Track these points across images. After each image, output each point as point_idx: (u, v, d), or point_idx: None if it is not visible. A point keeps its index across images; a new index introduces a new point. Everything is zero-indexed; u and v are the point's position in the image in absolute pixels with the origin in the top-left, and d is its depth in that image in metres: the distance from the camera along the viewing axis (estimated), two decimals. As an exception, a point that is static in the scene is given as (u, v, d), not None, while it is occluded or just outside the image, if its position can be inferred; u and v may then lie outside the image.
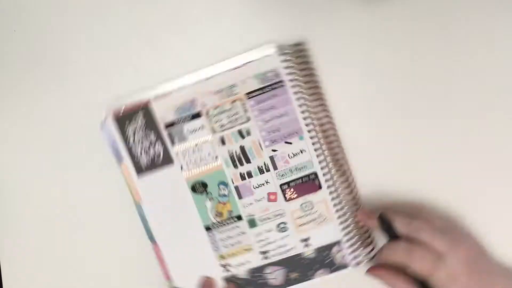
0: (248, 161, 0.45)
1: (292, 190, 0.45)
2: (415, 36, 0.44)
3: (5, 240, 0.48)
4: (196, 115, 0.44)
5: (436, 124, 0.45)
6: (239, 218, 0.46)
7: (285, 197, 0.45)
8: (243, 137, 0.45)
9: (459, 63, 0.44)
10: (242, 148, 0.45)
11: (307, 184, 0.45)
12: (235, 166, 0.45)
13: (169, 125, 0.44)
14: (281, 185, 0.45)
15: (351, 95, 0.45)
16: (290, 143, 0.45)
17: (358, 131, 0.45)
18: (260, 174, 0.45)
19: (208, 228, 0.46)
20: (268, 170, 0.45)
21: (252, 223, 0.46)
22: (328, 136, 0.45)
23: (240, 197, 0.45)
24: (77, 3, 0.45)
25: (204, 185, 0.45)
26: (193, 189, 0.45)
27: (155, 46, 0.45)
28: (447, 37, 0.44)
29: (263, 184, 0.45)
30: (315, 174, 0.45)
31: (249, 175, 0.45)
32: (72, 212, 0.48)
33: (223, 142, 0.45)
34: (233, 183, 0.45)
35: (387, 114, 0.45)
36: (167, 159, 0.45)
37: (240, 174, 0.45)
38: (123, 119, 0.44)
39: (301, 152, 0.45)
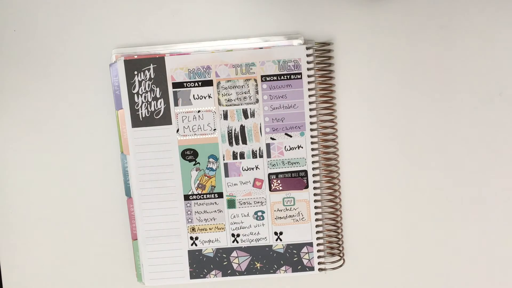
0: (244, 142, 0.45)
1: (279, 182, 0.45)
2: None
3: (5, 240, 0.47)
4: (207, 83, 0.44)
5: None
6: (220, 195, 0.45)
7: (270, 187, 0.45)
8: (246, 117, 0.44)
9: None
10: (242, 128, 0.44)
11: (295, 180, 0.45)
12: (231, 143, 0.45)
13: (177, 85, 0.44)
14: (269, 174, 0.45)
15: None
16: (290, 136, 0.44)
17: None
18: (253, 158, 0.45)
19: (187, 197, 0.45)
20: (261, 156, 0.45)
21: (231, 204, 0.46)
22: (328, 141, 0.45)
23: (226, 175, 0.45)
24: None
25: (195, 154, 0.45)
26: (183, 155, 0.45)
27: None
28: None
29: (252, 169, 0.45)
30: (306, 172, 0.45)
31: (242, 156, 0.45)
32: (76, 212, 0.47)
33: (225, 116, 0.44)
34: (223, 159, 0.45)
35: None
36: (166, 119, 0.44)
37: (233, 152, 0.45)
38: (133, 67, 0.43)
39: (298, 148, 0.45)
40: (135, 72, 0.43)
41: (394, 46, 0.44)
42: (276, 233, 0.46)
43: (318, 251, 0.46)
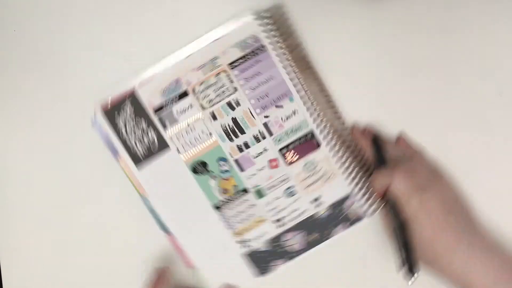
0: (242, 132, 0.44)
1: (291, 152, 0.45)
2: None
3: (5, 240, 0.48)
4: (183, 94, 0.44)
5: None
6: (246, 191, 0.45)
7: (286, 161, 0.45)
8: (233, 108, 0.44)
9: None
10: (234, 120, 0.44)
11: (305, 144, 0.45)
12: (231, 139, 0.45)
13: (158, 109, 0.44)
14: (280, 150, 0.45)
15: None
16: (281, 106, 0.44)
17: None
18: (257, 142, 0.45)
19: (217, 207, 0.46)
20: (264, 138, 0.44)
21: (259, 194, 0.45)
22: (318, 92, 0.44)
23: (242, 169, 0.45)
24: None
25: (204, 164, 0.45)
26: (194, 170, 0.45)
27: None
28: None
29: (262, 153, 0.45)
30: (312, 132, 0.44)
31: (246, 145, 0.45)
32: (76, 213, 0.48)
33: (214, 117, 0.44)
34: (232, 157, 0.45)
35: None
36: (163, 145, 0.45)
37: (237, 146, 0.45)
38: (112, 112, 0.44)
39: (294, 114, 0.44)
40: (116, 113, 0.44)
41: (394, 46, 0.44)
42: (313, 200, 0.45)
43: (361, 197, 0.45)
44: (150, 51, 0.45)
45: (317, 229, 0.46)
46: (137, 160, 0.45)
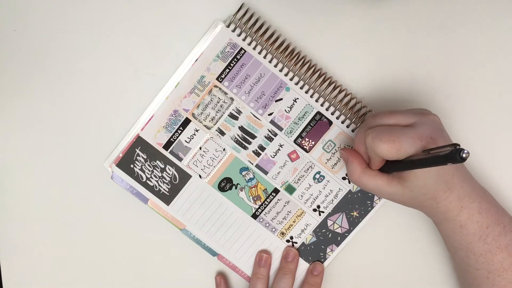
0: (253, 136, 0.45)
1: (307, 139, 0.44)
2: None
3: (5, 240, 0.48)
4: (185, 123, 0.44)
5: None
6: (276, 191, 0.45)
7: (305, 150, 0.45)
8: (236, 118, 0.44)
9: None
10: (241, 128, 0.44)
11: (317, 126, 0.44)
12: (245, 147, 0.45)
13: (168, 146, 0.45)
14: (295, 141, 0.44)
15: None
16: (281, 99, 0.44)
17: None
18: (270, 142, 0.45)
19: (255, 216, 0.46)
20: (275, 135, 0.44)
21: (290, 189, 0.45)
22: (312, 74, 0.44)
23: (265, 172, 0.45)
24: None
25: (229, 180, 0.45)
26: (221, 189, 0.45)
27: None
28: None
29: (278, 150, 0.45)
30: (319, 113, 0.44)
31: (262, 148, 0.45)
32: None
33: (222, 133, 0.44)
34: (251, 163, 0.45)
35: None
36: (183, 175, 0.45)
37: (253, 152, 0.45)
38: (126, 163, 0.45)
39: (295, 101, 0.44)
40: (131, 166, 0.45)
41: (394, 46, 0.44)
42: (343, 178, 0.45)
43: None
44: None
45: (356, 205, 0.45)
46: (165, 198, 0.45)
